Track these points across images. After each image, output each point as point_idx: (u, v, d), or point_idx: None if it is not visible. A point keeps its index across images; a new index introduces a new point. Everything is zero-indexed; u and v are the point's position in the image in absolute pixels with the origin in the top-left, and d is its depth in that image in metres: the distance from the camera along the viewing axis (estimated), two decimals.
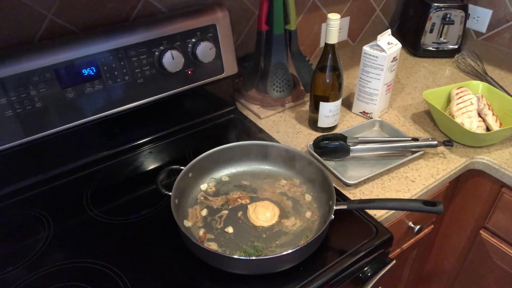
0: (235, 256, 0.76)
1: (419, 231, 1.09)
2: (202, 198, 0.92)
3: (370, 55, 1.10)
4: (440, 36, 1.51)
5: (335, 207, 0.80)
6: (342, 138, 1.03)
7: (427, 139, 1.03)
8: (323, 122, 1.13)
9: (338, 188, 0.96)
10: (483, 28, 1.63)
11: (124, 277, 0.77)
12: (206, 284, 0.77)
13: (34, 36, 0.94)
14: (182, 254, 0.80)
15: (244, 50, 1.30)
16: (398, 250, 1.15)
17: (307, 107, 1.26)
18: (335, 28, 0.99)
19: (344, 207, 0.81)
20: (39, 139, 0.92)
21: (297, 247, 0.74)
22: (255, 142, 0.98)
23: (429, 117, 1.22)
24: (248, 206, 0.89)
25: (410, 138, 1.04)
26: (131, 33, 0.95)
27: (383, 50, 1.07)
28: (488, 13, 1.58)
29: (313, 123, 1.16)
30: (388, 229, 0.86)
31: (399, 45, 1.12)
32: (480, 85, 1.20)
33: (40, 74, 0.87)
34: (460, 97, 1.13)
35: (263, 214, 0.86)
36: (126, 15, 1.04)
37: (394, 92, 1.33)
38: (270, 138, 1.12)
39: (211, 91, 1.16)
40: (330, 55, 1.03)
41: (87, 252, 0.82)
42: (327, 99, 1.08)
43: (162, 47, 0.99)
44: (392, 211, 0.93)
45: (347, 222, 0.88)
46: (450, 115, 1.11)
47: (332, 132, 1.13)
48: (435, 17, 1.46)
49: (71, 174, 1.01)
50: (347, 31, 1.58)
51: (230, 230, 0.84)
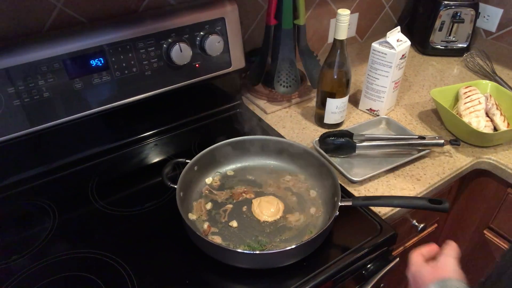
0: (239, 250, 0.77)
1: (423, 229, 1.09)
2: (207, 191, 0.92)
3: (379, 52, 1.09)
4: (450, 35, 1.49)
5: (340, 203, 0.80)
6: (348, 135, 1.03)
7: (434, 138, 1.03)
8: (329, 119, 1.13)
9: (343, 185, 0.96)
10: (493, 27, 1.61)
11: (128, 268, 0.77)
12: (210, 277, 0.77)
13: (43, 26, 0.94)
14: (186, 247, 0.80)
15: (252, 44, 1.29)
16: (401, 248, 1.15)
17: (313, 103, 1.26)
18: (344, 23, 0.99)
19: (349, 203, 0.81)
20: (46, 128, 0.92)
21: (300, 243, 0.74)
22: (261, 137, 0.98)
23: (436, 115, 1.21)
24: (253, 201, 0.89)
25: (417, 137, 1.04)
26: (140, 25, 0.95)
27: (393, 47, 1.07)
28: (499, 12, 1.56)
29: (319, 119, 1.15)
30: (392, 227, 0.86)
31: (408, 42, 1.11)
32: (488, 84, 1.19)
33: (48, 64, 0.87)
34: (468, 96, 1.12)
35: (267, 209, 0.86)
36: (135, 6, 1.04)
37: (402, 90, 1.33)
38: (275, 134, 1.12)
39: (218, 84, 1.16)
40: (339, 51, 1.03)
41: (91, 243, 0.83)
42: (334, 96, 1.08)
43: (170, 40, 0.99)
44: (397, 209, 0.93)
45: (351, 219, 0.87)
46: (457, 114, 1.11)
47: (338, 129, 1.13)
48: (445, 15, 1.45)
49: (77, 165, 1.02)
50: (355, 27, 1.57)
51: (235, 224, 0.84)
